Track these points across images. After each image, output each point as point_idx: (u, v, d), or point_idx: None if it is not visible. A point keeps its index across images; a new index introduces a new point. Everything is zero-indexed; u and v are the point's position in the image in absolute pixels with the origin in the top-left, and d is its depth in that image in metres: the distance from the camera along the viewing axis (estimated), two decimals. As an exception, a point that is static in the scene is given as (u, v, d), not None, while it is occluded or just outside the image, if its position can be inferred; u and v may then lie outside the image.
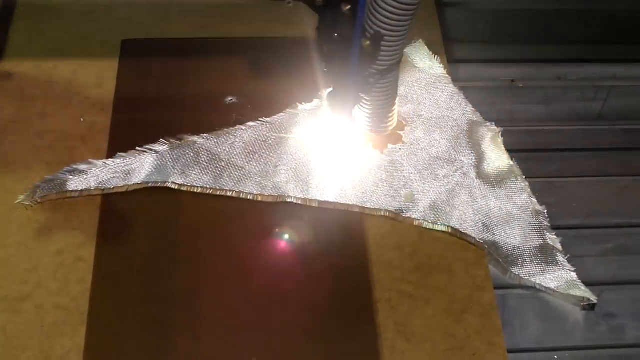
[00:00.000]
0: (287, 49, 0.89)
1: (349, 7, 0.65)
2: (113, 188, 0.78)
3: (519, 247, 0.77)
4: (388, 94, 0.77)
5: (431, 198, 0.79)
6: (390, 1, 0.65)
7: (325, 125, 0.82)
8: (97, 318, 0.70)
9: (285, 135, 0.82)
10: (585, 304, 0.74)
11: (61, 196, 0.77)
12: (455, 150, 0.82)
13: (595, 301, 0.74)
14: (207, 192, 0.78)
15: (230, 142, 0.82)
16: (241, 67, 0.89)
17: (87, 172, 0.78)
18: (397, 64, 0.73)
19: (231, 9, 0.94)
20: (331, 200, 0.79)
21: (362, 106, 0.78)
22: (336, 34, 0.68)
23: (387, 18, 0.66)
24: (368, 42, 0.68)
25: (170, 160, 0.80)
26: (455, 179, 0.80)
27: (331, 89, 0.75)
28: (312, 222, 0.78)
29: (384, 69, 0.72)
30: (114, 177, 0.78)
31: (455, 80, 0.89)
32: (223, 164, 0.80)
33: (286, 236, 0.76)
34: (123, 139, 0.81)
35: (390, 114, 0.80)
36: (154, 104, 0.86)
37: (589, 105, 0.91)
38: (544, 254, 0.76)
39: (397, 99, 0.79)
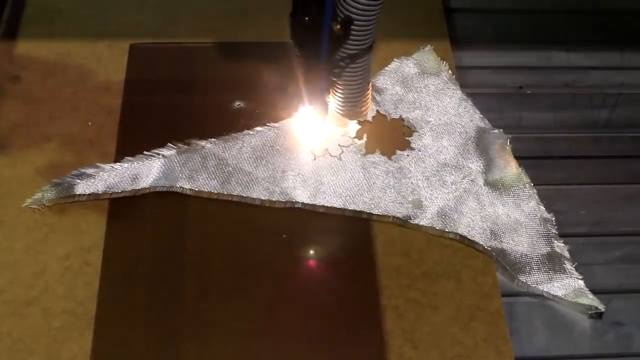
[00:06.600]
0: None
1: None
2: (121, 192, 0.78)
3: (526, 255, 0.76)
4: (362, 77, 0.77)
5: (439, 205, 0.79)
6: None
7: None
8: (104, 322, 0.70)
9: (293, 141, 0.82)
10: (592, 312, 0.74)
11: (69, 200, 0.77)
12: (463, 157, 0.82)
13: (603, 309, 0.74)
14: (215, 197, 0.78)
15: (238, 147, 0.81)
16: (249, 71, 0.88)
17: (94, 176, 0.78)
18: (369, 49, 0.74)
19: (239, 14, 0.94)
20: (339, 206, 0.78)
21: (336, 90, 0.79)
22: (307, 18, 0.69)
23: (357, 2, 0.67)
24: (339, 26, 0.69)
25: (177, 164, 0.80)
26: (463, 186, 0.80)
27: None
28: (320, 228, 0.78)
29: (356, 53, 0.73)
30: (121, 181, 0.78)
31: (463, 86, 0.89)
32: (231, 169, 0.80)
33: (294, 242, 0.76)
34: (131, 143, 0.81)
35: (365, 99, 0.80)
36: (162, 108, 0.86)
37: (597, 112, 0.91)
38: (552, 262, 0.76)
39: (410, 105, 0.79)
